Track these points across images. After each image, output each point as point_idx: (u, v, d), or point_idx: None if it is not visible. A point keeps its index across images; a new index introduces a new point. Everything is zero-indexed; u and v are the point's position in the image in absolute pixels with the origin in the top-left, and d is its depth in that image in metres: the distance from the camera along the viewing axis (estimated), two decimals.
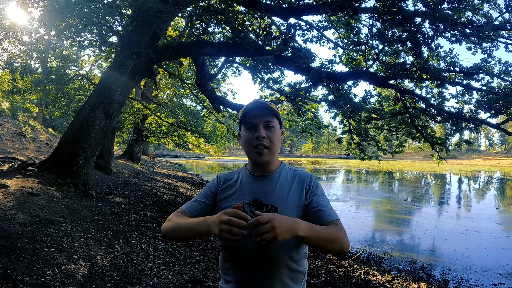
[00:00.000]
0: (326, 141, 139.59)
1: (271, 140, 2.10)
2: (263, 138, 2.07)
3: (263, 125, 2.10)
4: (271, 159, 2.14)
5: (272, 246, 1.91)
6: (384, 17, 10.42)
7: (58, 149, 11.21)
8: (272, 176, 2.17)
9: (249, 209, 2.04)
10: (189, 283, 6.22)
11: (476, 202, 22.78)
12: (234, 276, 2.09)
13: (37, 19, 12.01)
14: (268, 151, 2.10)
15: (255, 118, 2.11)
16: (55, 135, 28.04)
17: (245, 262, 2.03)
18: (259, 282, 1.99)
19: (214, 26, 13.96)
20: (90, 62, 20.89)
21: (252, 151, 2.10)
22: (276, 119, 2.16)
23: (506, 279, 8.22)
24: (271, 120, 2.13)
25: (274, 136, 2.12)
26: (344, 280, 7.57)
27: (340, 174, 44.62)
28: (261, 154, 2.09)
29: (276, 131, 2.15)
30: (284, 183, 2.15)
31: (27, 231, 6.17)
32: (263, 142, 2.08)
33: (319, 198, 2.11)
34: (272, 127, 2.12)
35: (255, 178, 2.18)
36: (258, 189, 2.12)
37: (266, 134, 2.09)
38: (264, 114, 2.12)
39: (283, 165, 2.26)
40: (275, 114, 2.15)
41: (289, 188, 2.13)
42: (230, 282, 2.10)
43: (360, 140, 14.76)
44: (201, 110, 28.24)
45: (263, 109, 2.13)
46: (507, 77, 10.95)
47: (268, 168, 2.17)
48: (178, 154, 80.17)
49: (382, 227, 13.93)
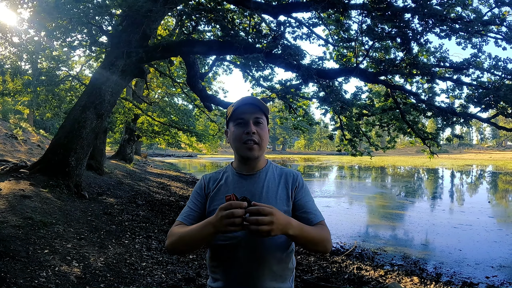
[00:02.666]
0: (318, 138, 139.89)
1: (261, 136, 2.11)
2: (254, 134, 2.07)
3: (253, 121, 2.10)
4: (260, 156, 2.15)
5: (261, 242, 1.95)
6: (373, 13, 10.46)
7: (49, 150, 11.16)
8: (259, 174, 2.17)
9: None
10: (182, 282, 6.23)
11: (468, 196, 22.92)
12: (222, 274, 2.07)
13: (27, 20, 11.94)
14: (258, 147, 2.10)
15: (245, 114, 2.11)
16: (47, 136, 27.93)
17: (233, 260, 2.02)
18: (247, 279, 1.98)
19: (204, 25, 13.93)
20: (81, 63, 20.83)
21: (242, 146, 2.09)
22: (264, 116, 2.16)
23: (498, 271, 8.29)
24: (261, 117, 2.13)
25: (263, 132, 2.12)
26: (337, 275, 7.61)
27: (332, 171, 44.75)
28: (251, 149, 2.08)
29: (265, 128, 2.16)
30: (271, 182, 2.15)
31: (20, 234, 6.15)
32: (254, 138, 2.07)
33: (305, 199, 2.14)
34: (261, 123, 2.13)
35: (242, 177, 2.17)
36: (246, 188, 2.11)
37: (256, 130, 2.09)
38: (254, 110, 2.12)
39: (269, 163, 2.26)
40: (264, 111, 2.16)
41: (276, 186, 2.14)
42: (218, 280, 2.09)
43: (351, 136, 14.81)
44: (193, 109, 28.25)
45: (252, 105, 2.12)
46: (497, 72, 11.02)
47: (256, 166, 2.17)
48: (170, 154, 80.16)
49: (375, 223, 13.99)
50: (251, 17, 12.76)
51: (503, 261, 9.03)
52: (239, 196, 1.80)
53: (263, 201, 2.05)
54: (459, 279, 7.78)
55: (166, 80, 25.27)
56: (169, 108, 28.26)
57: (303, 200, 2.14)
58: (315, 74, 10.88)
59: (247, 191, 2.10)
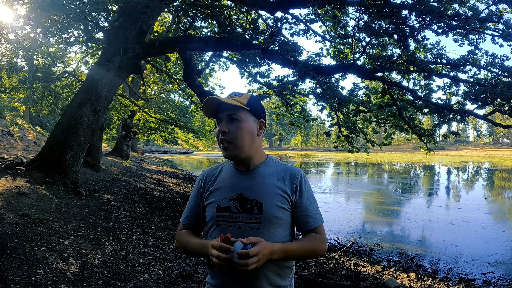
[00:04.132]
0: (315, 134, 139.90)
1: (234, 134, 2.03)
2: (224, 132, 2.02)
3: (226, 119, 2.05)
4: (242, 154, 2.07)
5: None
6: (370, 9, 10.44)
7: (46, 147, 11.14)
8: (256, 170, 2.13)
9: (231, 243, 1.90)
10: (180, 278, 6.24)
11: (464, 193, 23.01)
12: (220, 272, 2.04)
13: (23, 17, 11.87)
14: (232, 145, 2.03)
15: (220, 112, 2.07)
16: (43, 133, 27.87)
17: None
18: (246, 278, 1.95)
19: (201, 21, 13.91)
20: (77, 59, 20.70)
21: (220, 147, 2.07)
22: (244, 111, 2.06)
23: (495, 268, 8.33)
24: (235, 113, 2.04)
25: (237, 130, 2.03)
26: (334, 271, 7.62)
27: (329, 167, 44.77)
28: (225, 149, 2.04)
29: (242, 123, 2.05)
30: (269, 178, 2.10)
31: (17, 231, 6.14)
32: (225, 137, 2.02)
33: (307, 200, 2.11)
34: (236, 119, 2.04)
35: (239, 172, 2.14)
36: (242, 183, 2.09)
37: (228, 128, 2.03)
38: (227, 107, 2.05)
39: (269, 158, 2.21)
40: (242, 106, 2.05)
41: (274, 183, 2.09)
42: (217, 278, 2.08)
43: (348, 132, 14.85)
44: (189, 105, 28.18)
45: (226, 103, 2.04)
46: (494, 69, 11.03)
47: (251, 162, 2.12)
48: (167, 150, 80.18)
49: (372, 219, 14.02)
50: (248, 13, 12.75)
51: (500, 257, 9.07)
52: (234, 194, 1.94)
53: (259, 197, 2.03)
54: (455, 275, 7.80)
55: (163, 76, 25.18)
56: (165, 104, 28.26)
57: (305, 201, 2.10)
58: (312, 71, 10.87)
59: (243, 186, 2.07)
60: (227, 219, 2.04)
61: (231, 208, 2.04)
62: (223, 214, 2.05)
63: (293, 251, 2.01)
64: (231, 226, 2.02)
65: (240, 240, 1.82)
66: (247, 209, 2.02)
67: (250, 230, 2.00)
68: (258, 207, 2.02)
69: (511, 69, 10.49)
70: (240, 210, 2.03)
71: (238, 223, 2.02)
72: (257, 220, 2.00)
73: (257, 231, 1.99)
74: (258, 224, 2.00)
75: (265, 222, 2.00)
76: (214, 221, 2.07)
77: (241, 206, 2.04)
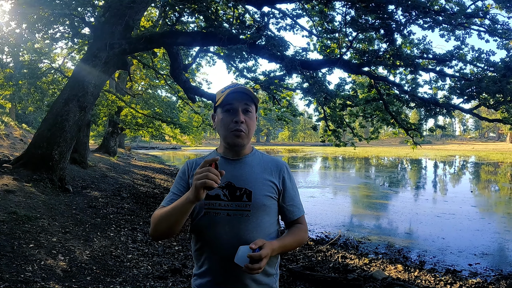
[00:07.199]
0: (302, 129, 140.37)
1: (249, 125, 2.11)
2: (242, 123, 2.07)
3: (242, 109, 2.09)
4: (247, 144, 2.16)
5: (244, 227, 2.04)
6: (357, 4, 10.47)
7: (32, 144, 11.06)
8: (245, 159, 2.18)
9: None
10: (168, 273, 6.25)
11: (451, 186, 23.25)
12: (206, 259, 2.09)
13: (8, 12, 11.79)
14: (245, 135, 2.10)
15: (234, 101, 2.09)
16: (29, 130, 27.59)
17: (216, 244, 2.04)
18: (231, 264, 1.92)
19: (187, 16, 13.89)
20: (63, 55, 20.50)
21: (230, 134, 2.09)
22: (254, 105, 2.16)
23: (481, 259, 8.45)
24: (250, 105, 2.12)
25: (251, 122, 2.12)
26: (322, 264, 7.69)
27: (317, 162, 44.95)
28: (238, 137, 2.08)
29: (253, 117, 2.16)
30: (257, 167, 2.17)
31: (4, 229, 6.11)
32: (241, 127, 2.07)
33: (292, 191, 2.22)
34: (250, 112, 2.13)
35: (228, 161, 2.17)
36: (231, 172, 2.11)
37: (244, 119, 2.08)
38: (243, 98, 2.11)
39: (255, 150, 2.28)
40: (253, 99, 2.15)
41: (262, 172, 2.16)
42: (203, 266, 2.10)
43: (335, 127, 14.91)
44: (176, 101, 28.15)
45: (243, 93, 2.11)
46: (480, 64, 11.12)
47: (242, 152, 2.18)
48: (154, 146, 79.85)
49: (359, 212, 14.12)
50: (234, 8, 12.74)
51: (486, 249, 9.20)
52: (223, 183, 1.99)
53: (248, 185, 2.08)
54: (442, 267, 7.91)
55: (150, 72, 25.06)
56: (152, 100, 28.16)
57: (291, 192, 2.21)
58: (299, 65, 10.88)
59: (232, 175, 2.10)
60: (216, 207, 2.06)
61: (220, 196, 2.07)
62: (212, 202, 2.06)
63: (287, 245, 2.13)
64: (219, 214, 2.05)
65: (249, 246, 1.86)
66: (236, 197, 2.06)
67: (238, 217, 2.04)
68: (247, 195, 2.07)
69: (496, 64, 10.57)
70: (229, 198, 2.06)
71: (227, 211, 2.05)
72: (246, 207, 2.05)
73: (245, 218, 2.04)
74: (247, 211, 2.05)
75: (253, 210, 2.05)
76: (203, 208, 2.08)
77: (230, 194, 2.07)
